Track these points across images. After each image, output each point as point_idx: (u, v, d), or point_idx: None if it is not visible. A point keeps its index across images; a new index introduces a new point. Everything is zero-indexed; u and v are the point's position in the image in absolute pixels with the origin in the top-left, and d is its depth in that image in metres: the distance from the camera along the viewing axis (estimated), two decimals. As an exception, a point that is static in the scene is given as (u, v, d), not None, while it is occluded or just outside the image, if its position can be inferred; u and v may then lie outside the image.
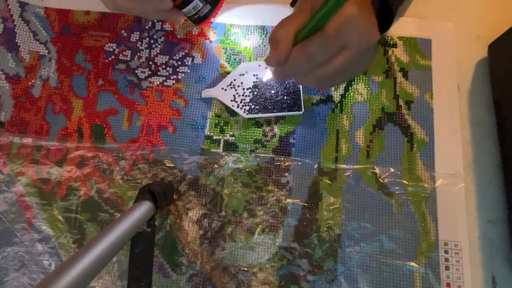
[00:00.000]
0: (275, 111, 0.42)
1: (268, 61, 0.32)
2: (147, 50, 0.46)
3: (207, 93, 0.44)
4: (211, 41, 0.46)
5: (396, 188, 0.41)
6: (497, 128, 0.43)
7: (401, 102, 0.44)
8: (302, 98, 0.42)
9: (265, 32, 0.46)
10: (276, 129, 0.43)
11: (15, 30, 0.47)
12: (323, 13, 0.28)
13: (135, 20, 0.47)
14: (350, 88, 0.44)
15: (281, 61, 0.31)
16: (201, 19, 0.41)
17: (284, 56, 0.31)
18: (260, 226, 0.40)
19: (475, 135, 0.43)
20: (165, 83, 0.45)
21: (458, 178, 0.41)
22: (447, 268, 0.38)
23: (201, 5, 0.39)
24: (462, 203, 0.40)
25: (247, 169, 0.42)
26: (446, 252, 0.39)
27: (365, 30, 0.30)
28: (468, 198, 0.41)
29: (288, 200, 0.41)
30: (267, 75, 0.43)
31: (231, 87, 0.44)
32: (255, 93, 0.43)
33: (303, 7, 0.31)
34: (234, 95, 0.43)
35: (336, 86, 0.44)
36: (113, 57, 0.46)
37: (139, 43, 0.46)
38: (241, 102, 0.43)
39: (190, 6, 0.39)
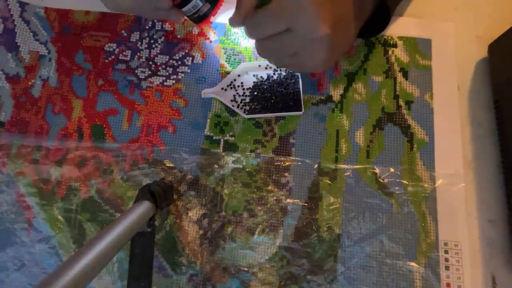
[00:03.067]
0: (275, 111, 0.42)
1: (229, 21, 0.35)
2: (147, 50, 0.46)
3: (207, 93, 0.44)
4: (211, 41, 0.46)
5: (396, 188, 0.41)
6: (497, 128, 0.43)
7: (401, 102, 0.44)
8: (302, 98, 0.42)
9: (265, 32, 0.46)
10: (276, 129, 0.43)
11: (15, 30, 0.47)
12: None
13: (135, 20, 0.47)
14: (350, 88, 0.44)
15: (237, 23, 0.35)
16: (201, 18, 0.41)
17: (240, 18, 0.34)
18: (260, 226, 0.40)
19: (475, 135, 0.43)
20: (165, 83, 0.45)
21: (458, 178, 0.41)
22: (447, 268, 0.38)
23: (200, 4, 0.39)
24: (462, 203, 0.40)
25: (247, 169, 0.42)
26: (446, 252, 0.39)
27: (312, 21, 0.31)
28: (468, 198, 0.41)
29: (288, 200, 0.41)
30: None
31: (231, 87, 0.44)
32: (255, 93, 0.43)
33: None
34: (234, 95, 0.43)
35: (336, 86, 0.44)
36: (113, 57, 0.46)
37: (139, 43, 0.46)
38: (241, 102, 0.43)
39: (189, 5, 0.38)
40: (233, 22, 0.35)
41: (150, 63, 0.45)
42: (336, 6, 0.32)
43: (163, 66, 0.45)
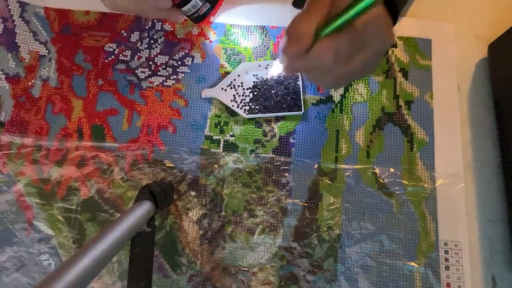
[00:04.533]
0: (275, 111, 0.42)
1: (286, 52, 0.31)
2: (147, 50, 0.46)
3: (207, 93, 0.44)
4: (211, 41, 0.46)
5: (396, 188, 0.41)
6: (497, 128, 0.43)
7: (401, 102, 0.44)
8: (302, 98, 0.42)
9: (265, 32, 0.46)
10: (276, 129, 0.43)
11: (15, 30, 0.47)
12: (357, 10, 0.28)
13: (135, 20, 0.47)
14: (350, 88, 0.44)
15: (300, 54, 0.31)
16: (201, 17, 0.41)
17: (303, 48, 0.30)
18: (260, 226, 0.40)
19: (475, 135, 0.43)
20: (165, 83, 0.45)
21: (458, 178, 0.41)
22: (447, 268, 0.38)
23: (200, 3, 0.39)
24: (462, 203, 0.40)
25: (247, 169, 0.42)
26: (446, 252, 0.39)
27: (387, 31, 0.30)
28: (468, 198, 0.41)
29: (288, 200, 0.41)
30: (275, 66, 0.39)
31: (231, 87, 0.44)
32: (255, 93, 0.43)
33: (320, 0, 0.31)
34: (234, 95, 0.43)
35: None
36: (113, 57, 0.46)
37: (139, 43, 0.46)
38: (241, 102, 0.43)
39: (189, 5, 0.38)
40: (293, 53, 0.30)
41: (150, 63, 0.45)
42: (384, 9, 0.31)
43: (163, 66, 0.45)
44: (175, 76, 0.45)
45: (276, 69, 0.39)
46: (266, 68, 0.44)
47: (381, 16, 0.29)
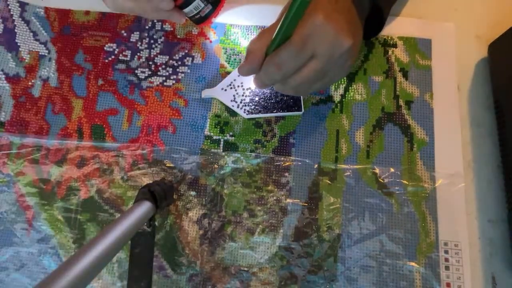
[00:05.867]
0: (275, 111, 0.42)
1: (239, 70, 0.34)
2: (147, 50, 0.46)
3: (207, 93, 0.44)
4: (211, 41, 0.46)
5: (396, 188, 0.41)
6: (497, 128, 0.43)
7: (401, 102, 0.44)
8: (302, 98, 0.42)
9: (265, 32, 0.46)
10: (276, 129, 0.43)
11: (15, 30, 0.47)
12: (287, 23, 0.29)
13: (135, 20, 0.47)
14: (350, 88, 0.44)
15: (251, 70, 0.33)
16: (202, 19, 0.41)
17: (254, 65, 0.33)
18: (260, 226, 0.40)
19: (475, 135, 0.43)
20: (165, 83, 0.45)
21: (458, 178, 0.41)
22: (447, 268, 0.38)
23: (202, 5, 0.39)
24: (462, 203, 0.40)
25: (247, 169, 0.42)
26: (446, 252, 0.39)
27: (334, 38, 0.30)
28: (468, 198, 0.41)
29: (288, 200, 0.41)
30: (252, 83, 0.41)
31: (231, 87, 0.44)
32: (255, 93, 0.43)
33: (279, 19, 0.32)
34: (234, 95, 0.43)
35: (336, 86, 0.44)
36: (113, 57, 0.46)
37: (139, 43, 0.46)
38: (241, 102, 0.43)
39: (191, 6, 0.38)
40: (244, 70, 0.34)
41: (150, 63, 0.45)
42: (343, 13, 0.31)
43: (163, 66, 0.45)
44: (175, 76, 0.45)
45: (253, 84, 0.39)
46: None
47: (322, 24, 0.29)
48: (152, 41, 0.46)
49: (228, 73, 0.44)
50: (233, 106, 0.43)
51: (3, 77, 0.45)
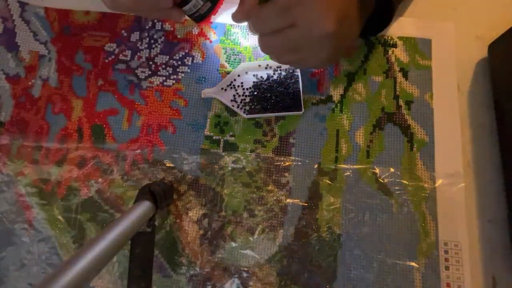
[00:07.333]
0: (275, 111, 0.42)
1: (232, 16, 0.36)
2: (147, 50, 0.46)
3: (207, 93, 0.44)
4: (211, 41, 0.46)
5: (396, 188, 0.41)
6: (497, 128, 0.43)
7: (401, 102, 0.44)
8: (302, 98, 0.42)
9: (265, 32, 0.46)
10: (276, 129, 0.43)
11: (15, 30, 0.47)
12: None
13: (135, 20, 0.47)
14: (350, 88, 0.44)
15: (241, 16, 0.35)
16: (202, 17, 0.41)
17: (244, 14, 0.35)
18: (260, 226, 0.40)
19: (475, 135, 0.43)
20: (165, 83, 0.45)
21: (458, 178, 0.41)
22: (447, 268, 0.38)
23: (201, 2, 0.39)
24: (462, 203, 0.40)
25: (247, 169, 0.42)
26: (446, 252, 0.39)
27: (317, 17, 0.30)
28: (468, 198, 0.41)
29: (288, 200, 0.41)
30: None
31: (231, 87, 0.44)
32: (255, 93, 0.43)
33: None
34: (234, 95, 0.43)
35: (336, 86, 0.44)
36: (113, 57, 0.46)
37: (139, 43, 0.46)
38: (241, 102, 0.43)
39: (190, 4, 0.38)
40: (237, 16, 0.35)
41: (150, 63, 0.45)
42: (343, 2, 0.31)
43: (163, 66, 0.45)
44: (175, 76, 0.45)
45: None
46: (266, 68, 0.44)
47: (314, 1, 0.30)
48: (152, 41, 0.46)
49: (228, 73, 0.44)
50: (233, 106, 0.43)
51: (3, 77, 0.45)
